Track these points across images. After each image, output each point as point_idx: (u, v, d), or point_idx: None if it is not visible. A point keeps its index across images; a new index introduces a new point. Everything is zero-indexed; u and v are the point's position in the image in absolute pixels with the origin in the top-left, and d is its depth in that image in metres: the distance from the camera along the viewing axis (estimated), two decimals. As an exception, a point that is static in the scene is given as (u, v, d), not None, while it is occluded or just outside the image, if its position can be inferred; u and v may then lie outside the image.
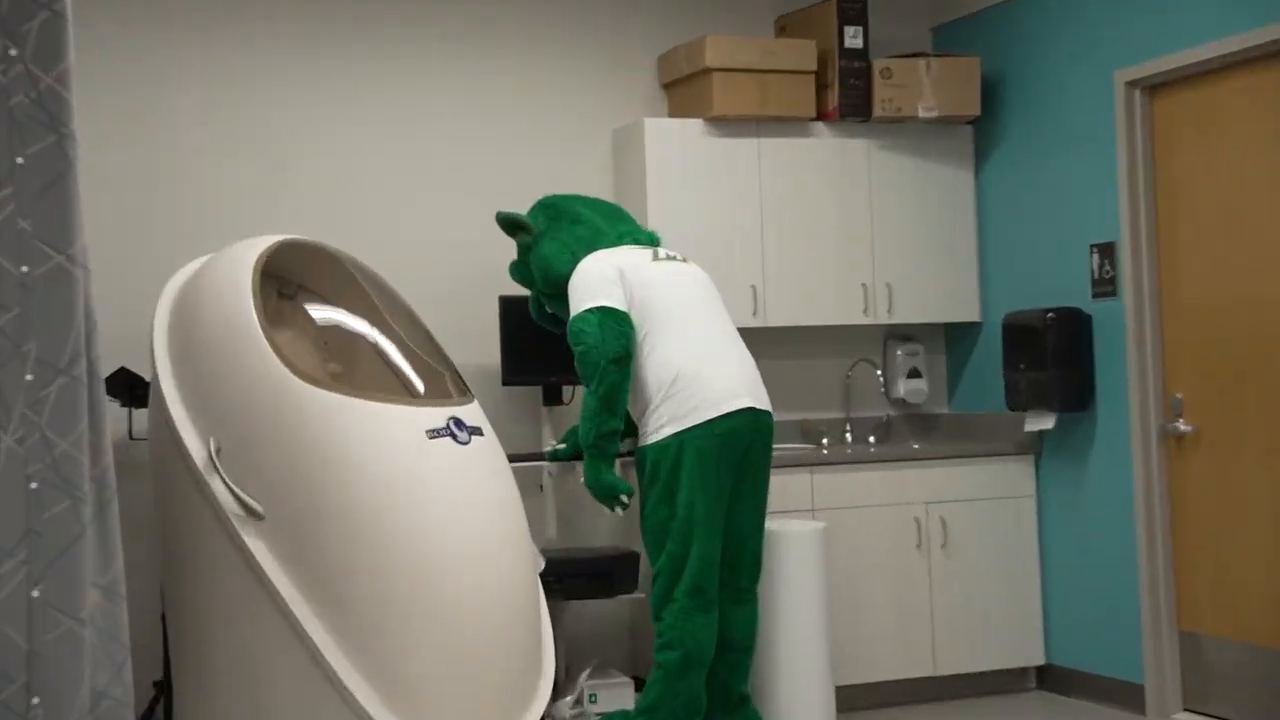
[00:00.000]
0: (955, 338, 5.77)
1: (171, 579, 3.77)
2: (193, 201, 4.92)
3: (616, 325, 4.05)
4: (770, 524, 4.65)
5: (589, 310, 4.08)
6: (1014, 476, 5.28)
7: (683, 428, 4.04)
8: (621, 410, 4.09)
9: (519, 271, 4.61)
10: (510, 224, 4.53)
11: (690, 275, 4.31)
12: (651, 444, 4.10)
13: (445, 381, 3.93)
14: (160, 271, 4.25)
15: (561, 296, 4.37)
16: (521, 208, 5.16)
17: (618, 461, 4.29)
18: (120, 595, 2.36)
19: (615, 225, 4.44)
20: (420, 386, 3.89)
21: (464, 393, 3.91)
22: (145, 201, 4.88)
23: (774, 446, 5.18)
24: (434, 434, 3.60)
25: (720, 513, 4.12)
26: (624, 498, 4.19)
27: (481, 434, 3.76)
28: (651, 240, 4.46)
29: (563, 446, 4.57)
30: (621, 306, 4.12)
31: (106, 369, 4.48)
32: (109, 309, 4.74)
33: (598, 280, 4.14)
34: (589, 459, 4.13)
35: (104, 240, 4.79)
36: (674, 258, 4.36)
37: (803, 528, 4.66)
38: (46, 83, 2.50)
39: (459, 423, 3.69)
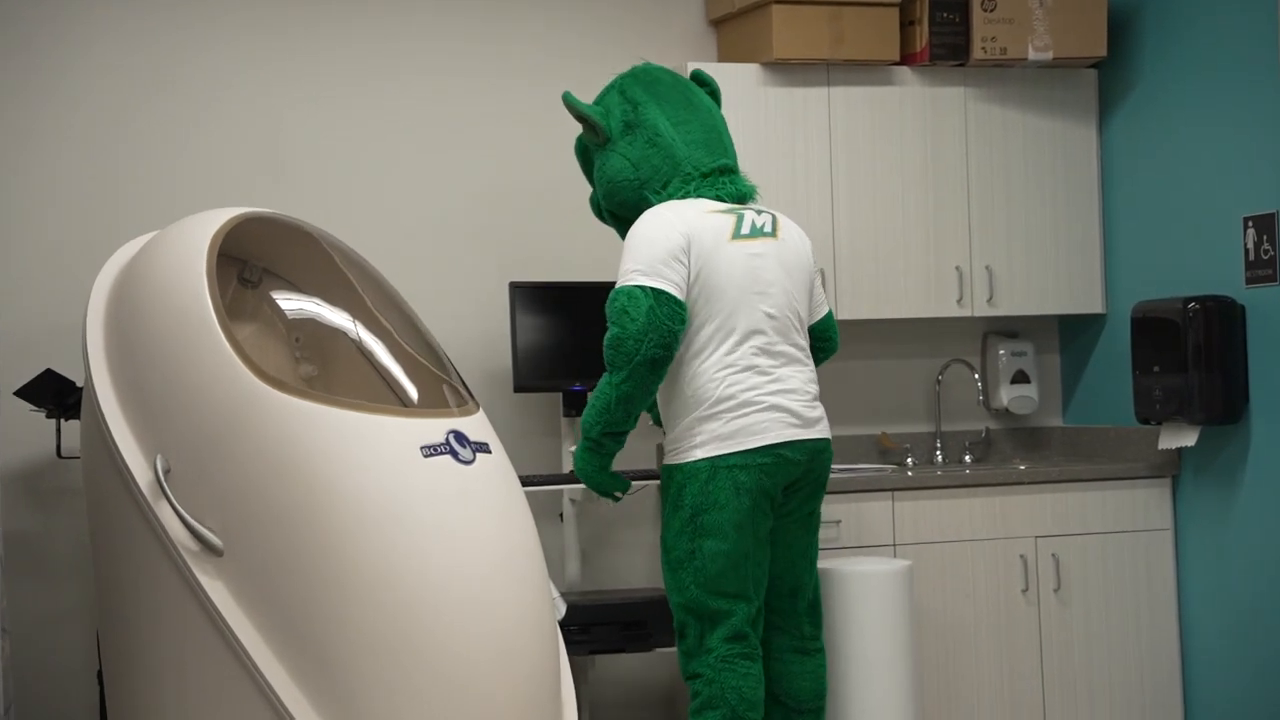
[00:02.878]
0: (1072, 334, 5.73)
1: (110, 628, 3.78)
2: (137, 169, 4.95)
3: (668, 319, 4.02)
4: (843, 563, 4.67)
5: (640, 288, 4.02)
6: (1145, 505, 5.24)
7: (719, 452, 4.06)
8: (637, 415, 4.12)
9: (582, 158, 4.55)
10: (579, 119, 4.42)
11: (776, 258, 4.20)
12: (681, 464, 4.11)
13: (444, 387, 3.93)
14: (96, 253, 4.26)
15: (624, 219, 4.33)
16: (536, 177, 5.16)
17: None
18: None
19: (700, 157, 4.28)
20: (413, 393, 3.88)
21: (467, 401, 3.90)
22: (78, 168, 4.91)
23: (847, 467, 5.21)
24: (430, 451, 3.60)
25: (763, 550, 4.13)
26: (618, 494, 4.25)
27: (488, 451, 3.76)
28: (739, 194, 4.27)
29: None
30: (680, 294, 4.06)
31: (30, 370, 4.54)
32: (32, 299, 4.83)
33: (661, 252, 4.04)
34: (584, 448, 4.15)
35: (24, 214, 4.85)
36: (762, 230, 4.22)
37: (882, 567, 4.64)
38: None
39: (461, 437, 3.69)
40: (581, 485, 4.65)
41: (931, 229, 5.35)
